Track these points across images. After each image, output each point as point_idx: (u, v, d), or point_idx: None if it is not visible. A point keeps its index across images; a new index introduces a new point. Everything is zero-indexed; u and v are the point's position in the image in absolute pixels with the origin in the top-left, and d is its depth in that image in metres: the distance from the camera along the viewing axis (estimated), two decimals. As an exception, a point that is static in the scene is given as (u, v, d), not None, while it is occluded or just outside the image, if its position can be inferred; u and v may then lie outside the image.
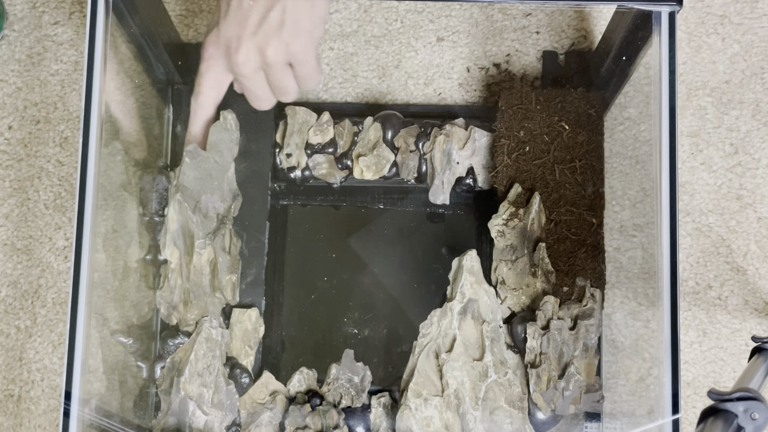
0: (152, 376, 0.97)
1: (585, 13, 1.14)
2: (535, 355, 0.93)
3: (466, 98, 1.13)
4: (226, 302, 0.98)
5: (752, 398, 0.63)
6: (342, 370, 0.95)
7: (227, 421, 0.93)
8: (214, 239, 0.96)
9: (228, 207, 0.99)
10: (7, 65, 1.12)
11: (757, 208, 1.11)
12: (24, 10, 1.13)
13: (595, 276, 0.97)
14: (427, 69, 1.13)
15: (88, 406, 0.83)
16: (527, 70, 1.13)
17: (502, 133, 1.00)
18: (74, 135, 1.11)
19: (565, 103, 1.01)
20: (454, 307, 0.94)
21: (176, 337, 0.95)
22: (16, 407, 1.07)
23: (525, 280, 0.96)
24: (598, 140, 1.00)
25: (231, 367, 0.95)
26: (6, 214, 1.10)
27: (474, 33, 1.14)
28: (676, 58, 0.83)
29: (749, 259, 1.10)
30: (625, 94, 1.03)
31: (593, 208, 0.99)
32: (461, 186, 1.03)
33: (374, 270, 1.06)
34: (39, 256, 1.09)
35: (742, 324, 1.09)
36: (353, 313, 1.05)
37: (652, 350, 0.88)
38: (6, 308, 1.09)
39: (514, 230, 0.98)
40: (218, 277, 0.96)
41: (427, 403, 0.92)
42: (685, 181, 1.11)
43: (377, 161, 1.03)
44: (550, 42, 1.13)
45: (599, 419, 0.99)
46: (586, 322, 0.94)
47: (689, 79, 1.13)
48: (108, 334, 0.90)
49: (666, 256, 0.82)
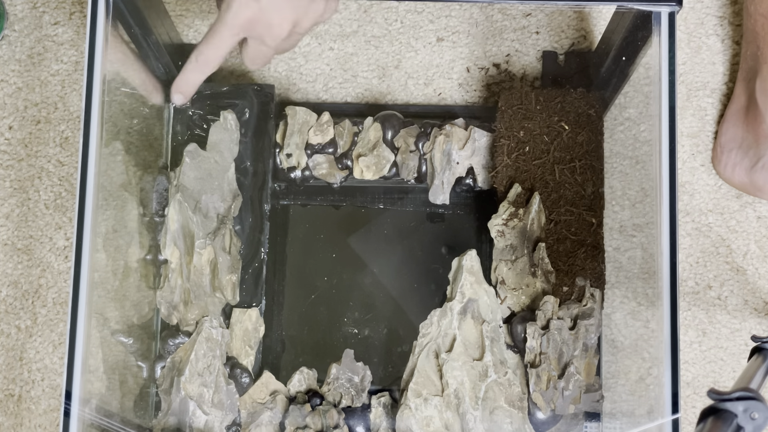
0: (152, 375, 0.97)
1: (585, 13, 1.14)
2: (535, 355, 0.93)
3: (466, 98, 1.13)
4: (226, 302, 0.98)
5: (752, 398, 0.63)
6: (342, 369, 0.95)
7: (227, 420, 0.93)
8: (214, 239, 0.96)
9: (228, 207, 0.99)
10: (7, 65, 1.12)
11: (757, 207, 1.11)
12: (24, 10, 1.13)
13: (594, 276, 0.97)
14: (427, 69, 1.13)
15: (89, 405, 0.83)
16: (527, 70, 1.13)
17: (502, 133, 1.01)
18: (74, 135, 1.11)
19: (564, 103, 1.01)
20: (454, 307, 0.94)
21: (176, 336, 0.95)
22: (16, 407, 1.07)
23: (525, 280, 0.97)
24: (597, 140, 1.00)
25: (231, 367, 0.95)
26: (6, 214, 1.10)
27: (474, 33, 1.14)
28: (675, 59, 0.83)
29: (749, 258, 1.10)
30: (625, 94, 1.03)
31: (593, 208, 0.99)
32: (461, 186, 1.03)
33: (374, 270, 1.06)
34: (39, 256, 1.09)
35: (741, 324, 1.09)
36: (353, 313, 1.05)
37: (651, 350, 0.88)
38: (6, 308, 1.09)
39: (513, 230, 0.98)
40: (218, 277, 0.96)
41: (427, 403, 0.92)
42: (685, 181, 1.11)
43: (377, 161, 1.03)
44: (549, 42, 1.13)
45: (599, 419, 0.99)
46: (585, 322, 0.94)
47: (689, 79, 1.13)
48: (108, 333, 0.90)
49: (666, 256, 0.82)
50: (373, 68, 1.13)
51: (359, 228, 1.07)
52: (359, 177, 1.04)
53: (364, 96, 1.13)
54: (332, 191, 1.07)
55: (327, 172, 1.04)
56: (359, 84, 1.13)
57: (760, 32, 1.03)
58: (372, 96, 1.13)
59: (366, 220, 1.07)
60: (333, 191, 1.07)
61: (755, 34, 1.04)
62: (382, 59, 1.13)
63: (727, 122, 1.09)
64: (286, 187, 1.07)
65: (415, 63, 1.13)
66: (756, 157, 1.05)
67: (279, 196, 1.07)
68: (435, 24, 1.14)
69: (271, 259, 1.03)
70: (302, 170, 1.04)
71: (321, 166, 1.04)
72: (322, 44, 1.13)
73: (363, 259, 1.07)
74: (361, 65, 1.13)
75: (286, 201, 1.07)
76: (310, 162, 1.04)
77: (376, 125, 1.03)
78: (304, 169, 1.04)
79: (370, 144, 1.03)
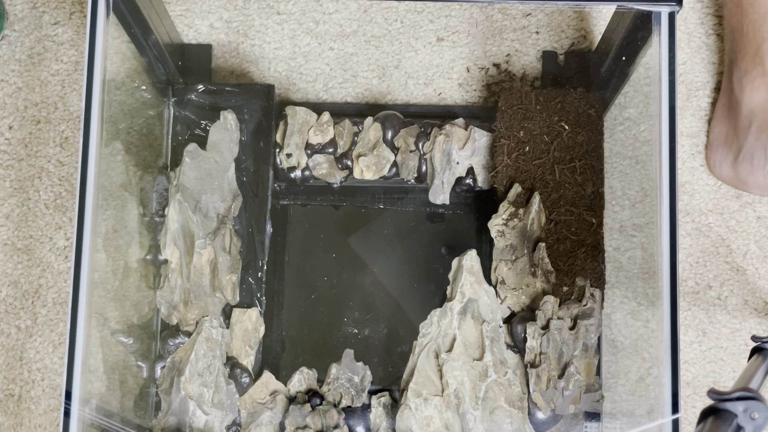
0: (152, 375, 0.97)
1: (585, 13, 1.14)
2: (535, 355, 0.93)
3: (466, 98, 1.13)
4: (226, 302, 0.98)
5: (752, 398, 0.63)
6: (342, 369, 0.95)
7: (227, 420, 0.93)
8: (214, 239, 0.96)
9: (228, 207, 0.99)
10: (7, 65, 1.12)
11: (757, 207, 1.11)
12: (24, 10, 1.13)
13: (594, 276, 0.97)
14: (427, 69, 1.13)
15: (89, 405, 0.83)
16: (527, 70, 1.13)
17: (502, 133, 1.01)
18: (74, 135, 1.11)
19: (564, 103, 1.01)
20: (454, 306, 0.94)
21: (176, 336, 0.95)
22: (16, 407, 1.07)
23: (525, 280, 0.97)
24: (597, 140, 1.00)
25: (231, 367, 0.95)
26: (6, 214, 1.10)
27: (474, 33, 1.14)
28: (676, 59, 0.83)
29: (749, 258, 1.10)
30: (625, 94, 1.03)
31: (593, 208, 0.99)
32: (461, 186, 1.03)
33: (374, 270, 1.06)
34: (39, 255, 1.09)
35: (741, 324, 1.09)
36: (353, 313, 1.05)
37: (651, 350, 0.88)
38: (6, 308, 1.09)
39: (514, 230, 0.98)
40: (218, 276, 0.96)
41: (427, 403, 0.92)
42: (685, 181, 1.11)
43: (377, 161, 1.03)
44: (549, 42, 1.13)
45: (599, 419, 0.99)
46: (585, 322, 0.94)
47: (689, 79, 1.13)
48: (108, 333, 0.90)
49: (666, 256, 0.82)
50: (373, 68, 1.13)
51: (359, 228, 1.07)
52: (359, 177, 1.04)
53: (364, 96, 1.13)
54: (332, 191, 1.07)
55: (327, 172, 1.04)
56: (359, 84, 1.13)
57: (735, 23, 1.03)
58: (372, 96, 1.13)
59: (366, 220, 1.07)
60: (333, 191, 1.07)
61: (731, 26, 1.04)
62: (382, 59, 1.13)
63: (715, 119, 1.09)
64: (286, 187, 1.06)
65: (415, 63, 1.13)
66: (737, 150, 1.06)
67: (279, 196, 1.07)
68: (435, 24, 1.13)
69: (271, 259, 1.03)
70: (302, 170, 1.04)
71: (321, 166, 1.04)
72: (322, 44, 1.13)
73: (363, 259, 1.07)
74: (361, 65, 1.13)
75: (286, 201, 1.07)
76: (310, 162, 1.04)
77: (376, 125, 1.03)
78: (304, 169, 1.04)
79: (370, 144, 1.03)
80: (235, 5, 1.13)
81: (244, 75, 1.12)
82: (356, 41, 1.13)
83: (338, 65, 1.13)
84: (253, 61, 1.12)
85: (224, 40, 1.12)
